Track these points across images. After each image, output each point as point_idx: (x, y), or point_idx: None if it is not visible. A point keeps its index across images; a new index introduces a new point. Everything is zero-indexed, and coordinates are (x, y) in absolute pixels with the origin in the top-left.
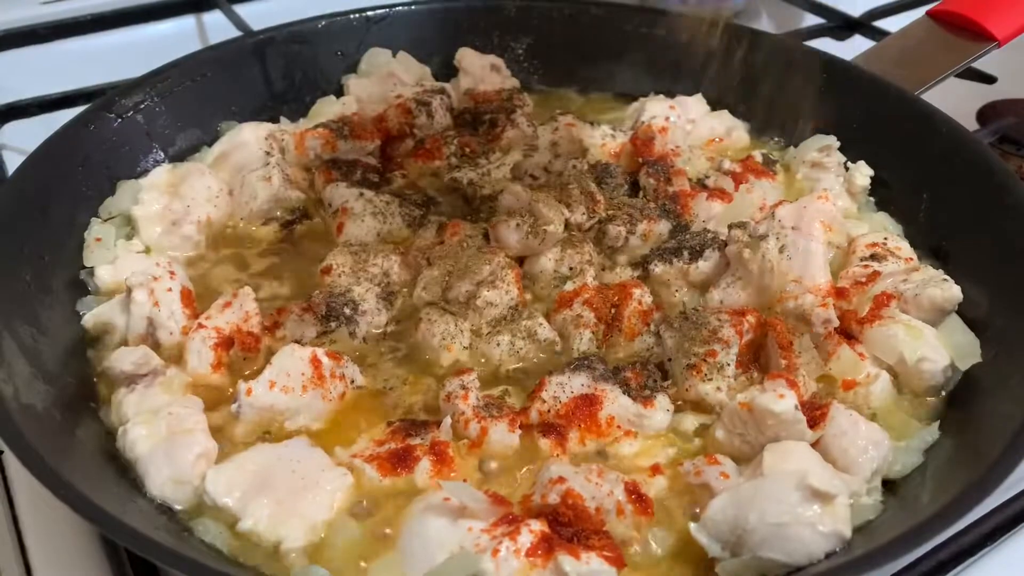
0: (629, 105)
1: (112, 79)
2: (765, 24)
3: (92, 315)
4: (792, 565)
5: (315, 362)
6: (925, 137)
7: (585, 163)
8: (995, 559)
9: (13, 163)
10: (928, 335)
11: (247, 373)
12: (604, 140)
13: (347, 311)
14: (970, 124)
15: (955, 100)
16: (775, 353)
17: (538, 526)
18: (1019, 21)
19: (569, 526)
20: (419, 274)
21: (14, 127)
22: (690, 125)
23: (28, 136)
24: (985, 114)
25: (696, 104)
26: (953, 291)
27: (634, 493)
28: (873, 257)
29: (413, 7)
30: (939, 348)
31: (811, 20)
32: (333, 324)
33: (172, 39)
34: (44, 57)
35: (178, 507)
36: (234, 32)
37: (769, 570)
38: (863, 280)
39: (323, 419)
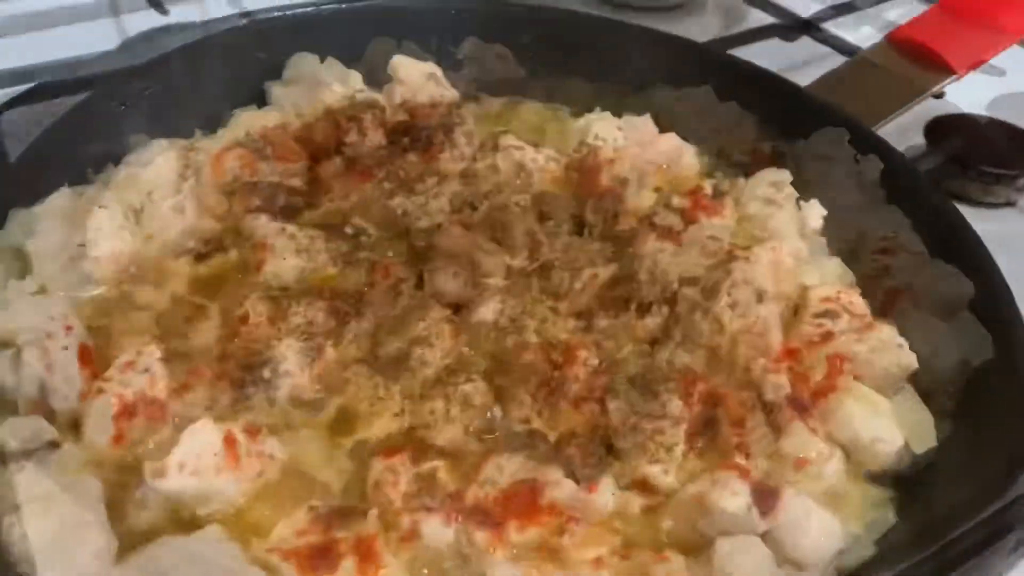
0: (574, 119)
1: None
2: (710, 18)
3: None
4: None
5: (230, 441)
6: (883, 177)
7: (527, 197)
8: None
9: None
10: (883, 410)
11: (151, 445)
12: (547, 164)
13: (266, 374)
14: (917, 138)
15: None
16: (726, 429)
17: None
18: (978, 55)
19: None
20: (345, 323)
21: None
22: (637, 148)
23: None
24: (933, 130)
25: (644, 125)
26: (909, 359)
27: None
28: (827, 314)
29: (343, 6)
30: (893, 427)
31: (758, 18)
32: (250, 390)
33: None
34: None
35: None
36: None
37: None
38: (816, 340)
39: (238, 503)
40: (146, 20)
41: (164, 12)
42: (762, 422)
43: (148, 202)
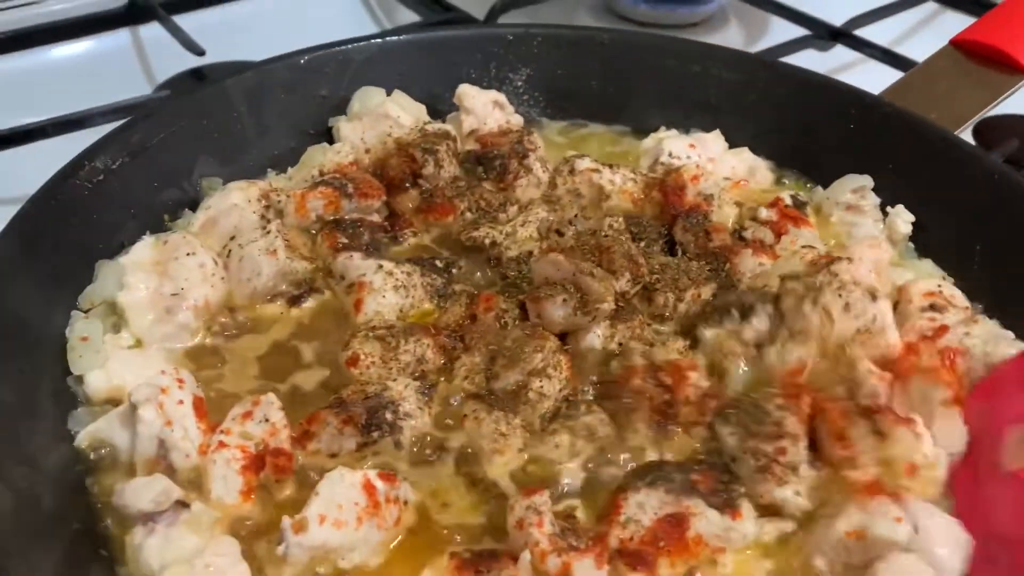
0: (638, 140)
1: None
2: (735, 32)
3: (87, 433)
4: None
5: (368, 488)
6: (971, 181)
7: (621, 220)
8: None
9: None
10: None
11: (281, 498)
12: (625, 184)
13: (388, 416)
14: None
15: None
16: (830, 443)
17: None
18: None
19: None
20: (455, 358)
21: None
22: (710, 164)
23: None
24: (982, 133)
25: (715, 141)
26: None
27: None
28: (933, 307)
29: (402, 38)
30: None
31: (784, 29)
32: (375, 434)
33: (104, 59)
34: None
35: None
36: (177, 48)
37: None
38: (930, 334)
39: (380, 552)
40: (179, 62)
41: (199, 53)
42: (867, 431)
43: (235, 247)
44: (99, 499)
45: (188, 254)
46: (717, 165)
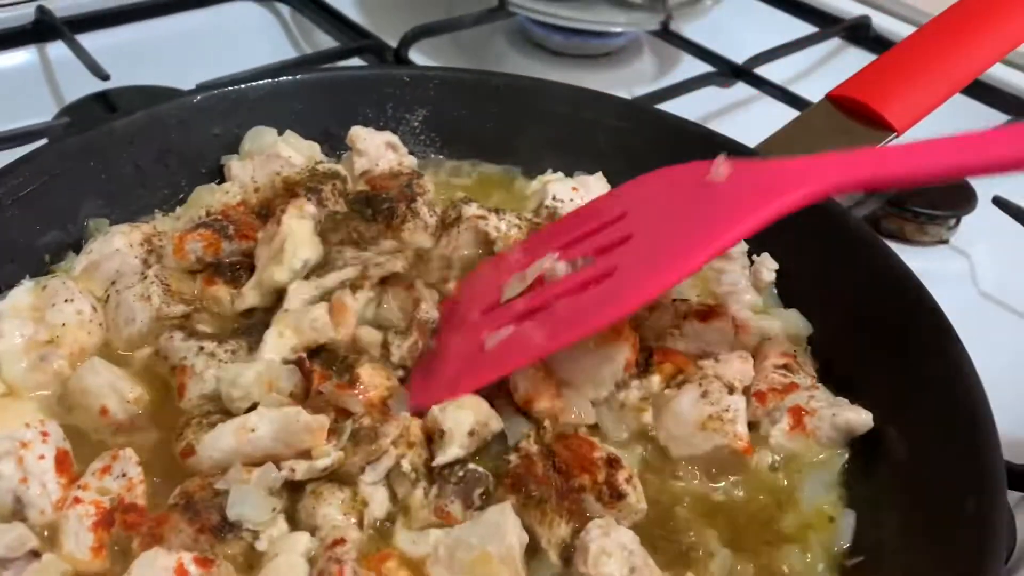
0: (526, 182)
1: None
2: (647, 64)
3: None
4: None
5: (181, 572)
6: (829, 233)
7: None
8: None
9: None
10: None
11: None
12: (510, 231)
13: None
14: None
15: None
16: None
17: None
18: (916, 111)
19: None
20: None
21: None
22: None
23: None
24: None
25: (596, 184)
26: (865, 417)
27: None
28: (785, 367)
29: (298, 77)
30: None
31: (691, 64)
32: (230, 537)
33: (9, 78)
34: None
35: None
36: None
37: None
38: (779, 388)
39: None
40: (87, 82)
41: (104, 77)
42: None
43: (113, 292)
44: None
45: (66, 300)
46: None
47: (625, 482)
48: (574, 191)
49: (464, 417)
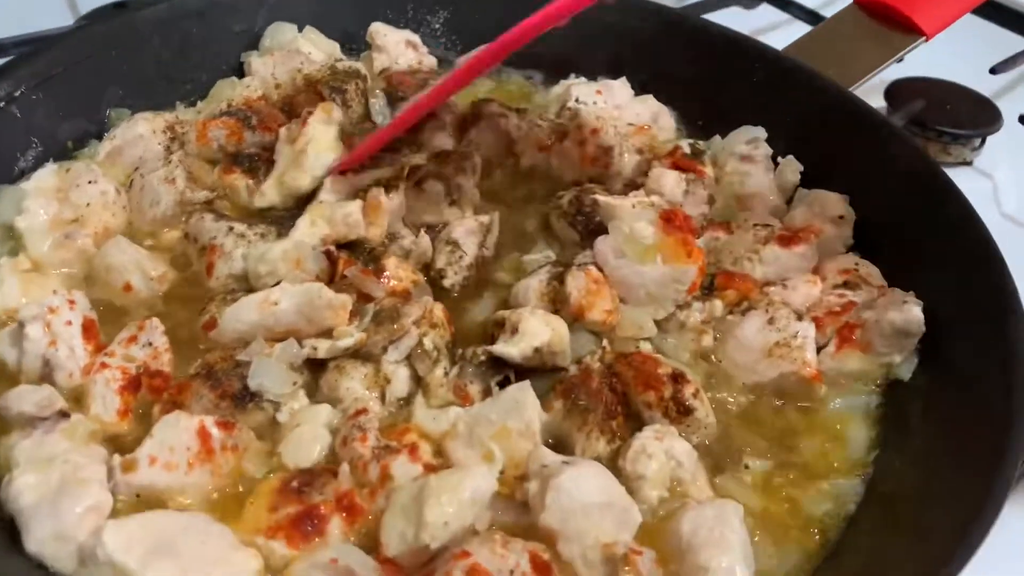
0: (546, 95)
1: None
2: None
3: None
4: None
5: (203, 434)
6: (861, 136)
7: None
8: None
9: None
10: None
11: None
12: (532, 130)
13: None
14: (878, 101)
15: None
16: None
17: None
18: (946, 15)
19: None
20: None
21: None
22: (616, 111)
23: None
24: (893, 94)
25: (621, 88)
26: (912, 312)
27: (538, 562)
28: (846, 284)
29: None
30: None
31: None
32: (250, 406)
33: None
34: None
35: (57, 567)
36: None
37: None
38: (837, 310)
39: (210, 498)
40: None
41: None
42: None
43: (137, 176)
44: None
45: (90, 182)
46: (623, 111)
47: (692, 396)
48: (598, 94)
49: (543, 333)
